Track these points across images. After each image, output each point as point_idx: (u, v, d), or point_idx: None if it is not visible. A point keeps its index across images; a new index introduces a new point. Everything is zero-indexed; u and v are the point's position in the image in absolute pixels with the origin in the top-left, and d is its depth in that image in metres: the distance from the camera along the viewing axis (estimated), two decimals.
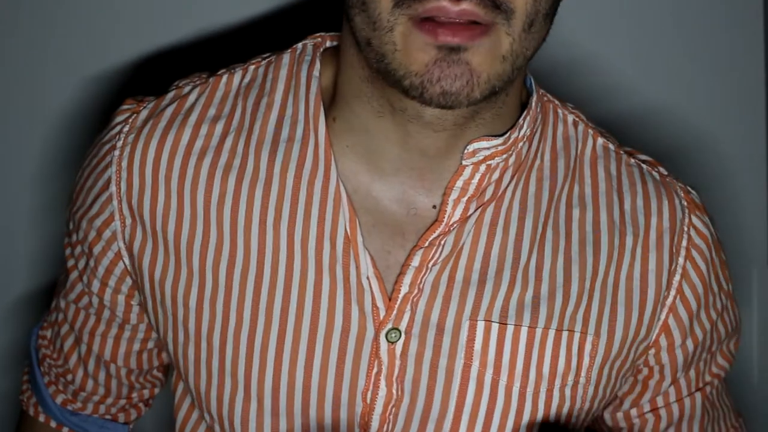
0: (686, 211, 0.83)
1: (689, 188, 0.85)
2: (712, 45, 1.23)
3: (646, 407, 0.86)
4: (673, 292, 0.82)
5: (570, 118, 0.84)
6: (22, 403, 0.97)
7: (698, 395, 0.87)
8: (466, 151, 0.76)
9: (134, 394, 0.94)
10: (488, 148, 0.77)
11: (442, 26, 0.65)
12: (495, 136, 0.77)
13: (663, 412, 0.86)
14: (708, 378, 0.87)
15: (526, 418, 0.78)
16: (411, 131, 0.75)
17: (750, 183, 1.26)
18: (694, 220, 0.83)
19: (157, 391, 0.97)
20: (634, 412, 0.86)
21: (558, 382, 0.79)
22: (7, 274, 1.16)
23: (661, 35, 1.22)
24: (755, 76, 1.24)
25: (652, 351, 0.83)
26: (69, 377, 0.92)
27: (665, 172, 0.85)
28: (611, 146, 0.85)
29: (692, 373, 0.86)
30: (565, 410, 0.79)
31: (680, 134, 1.23)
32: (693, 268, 0.82)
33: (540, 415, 0.78)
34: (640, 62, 1.22)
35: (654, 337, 0.82)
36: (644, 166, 0.85)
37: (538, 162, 0.81)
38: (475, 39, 0.66)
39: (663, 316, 0.82)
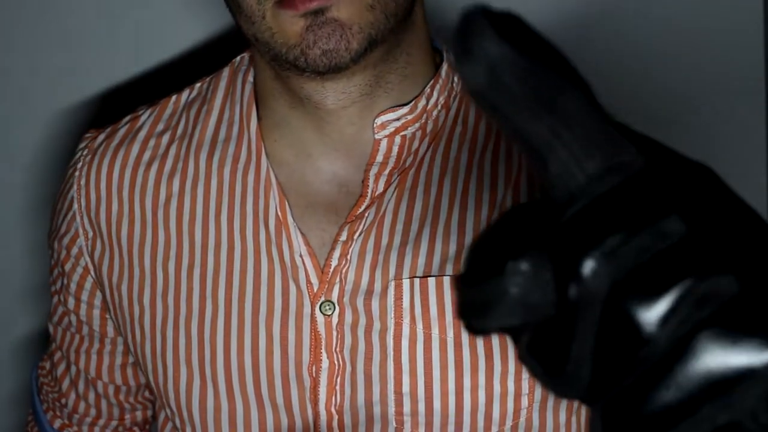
0: None
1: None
2: (712, 45, 1.22)
3: None
4: None
5: None
6: None
7: None
8: (375, 124, 0.79)
9: (127, 416, 0.97)
10: (397, 119, 0.79)
11: None
12: (403, 105, 0.80)
13: None
14: None
15: (466, 365, 0.77)
16: (323, 116, 0.79)
17: (750, 183, 1.24)
18: None
19: (150, 414, 1.00)
20: None
21: None
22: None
23: (661, 35, 1.21)
24: (755, 76, 1.22)
25: None
26: (63, 401, 0.96)
27: None
28: None
29: None
30: (510, 353, 0.78)
31: (680, 134, 1.22)
32: None
33: (481, 361, 0.77)
34: (640, 62, 1.22)
35: None
36: None
37: (459, 128, 0.83)
38: None
39: None
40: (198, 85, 0.89)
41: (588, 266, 0.29)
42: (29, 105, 1.13)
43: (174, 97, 0.89)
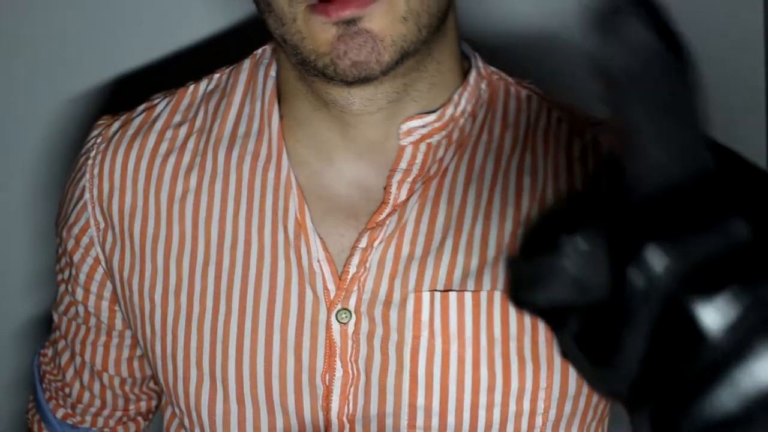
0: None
1: None
2: (712, 45, 1.22)
3: None
4: None
5: (524, 93, 0.84)
6: (27, 421, 1.01)
7: None
8: (400, 131, 0.78)
9: (131, 407, 0.96)
10: (423, 126, 0.78)
11: (332, 3, 0.69)
12: (430, 112, 0.78)
13: None
14: None
15: (483, 384, 0.76)
16: (348, 121, 0.77)
17: None
18: None
19: (154, 404, 0.99)
20: None
21: (513, 344, 0.76)
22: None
23: None
24: (755, 76, 1.22)
25: None
26: (67, 390, 0.95)
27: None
28: (566, 118, 0.84)
29: None
30: (528, 375, 0.77)
31: None
32: None
33: (499, 381, 0.76)
34: None
35: None
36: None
37: (485, 137, 0.81)
38: (366, 6, 0.68)
39: None
40: (216, 75, 0.87)
41: (655, 254, 0.29)
42: (37, 92, 1.12)
43: (191, 87, 0.87)
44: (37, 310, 1.19)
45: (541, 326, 0.77)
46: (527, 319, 0.77)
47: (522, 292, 0.32)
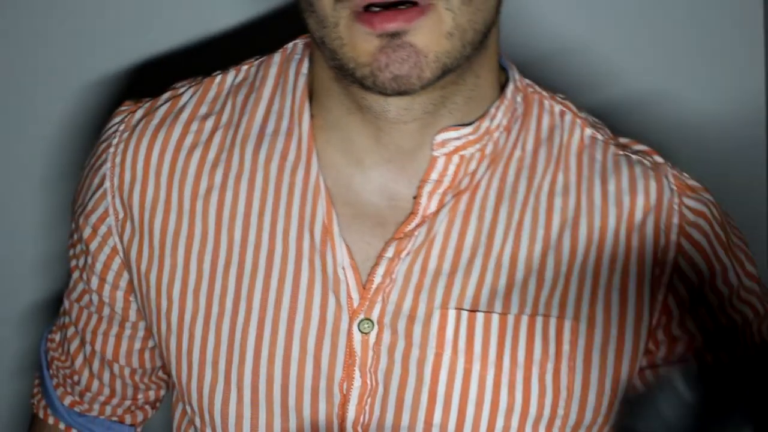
0: (675, 191, 0.80)
1: (686, 174, 0.82)
2: (712, 45, 1.22)
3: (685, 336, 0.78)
4: (668, 270, 0.78)
5: (557, 108, 0.83)
6: (32, 406, 0.99)
7: (745, 307, 0.79)
8: (434, 141, 0.76)
9: (140, 395, 0.95)
10: (458, 138, 0.77)
11: (378, 14, 0.67)
12: (465, 124, 0.77)
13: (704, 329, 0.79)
14: (747, 298, 0.79)
15: (502, 406, 0.76)
16: (382, 127, 0.76)
17: (750, 183, 1.25)
18: (686, 200, 0.80)
19: (162, 393, 0.98)
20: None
21: (536, 369, 0.76)
22: (18, 280, 1.17)
23: (661, 35, 1.21)
24: (755, 76, 1.23)
25: (660, 331, 0.78)
26: (75, 378, 0.93)
27: (660, 160, 0.82)
28: (600, 137, 0.83)
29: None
30: (547, 400, 0.77)
31: (680, 134, 1.23)
32: (691, 244, 0.78)
33: (518, 404, 0.76)
34: (640, 63, 1.22)
35: (657, 317, 0.78)
36: (635, 156, 0.82)
37: (518, 152, 0.80)
38: (413, 20, 0.67)
39: (660, 297, 0.78)
40: (245, 67, 0.85)
41: None
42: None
43: (218, 78, 0.84)
44: (43, 295, 1.17)
45: (565, 354, 0.77)
46: (552, 347, 0.77)
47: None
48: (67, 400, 0.95)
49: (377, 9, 0.67)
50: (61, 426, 0.96)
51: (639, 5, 1.21)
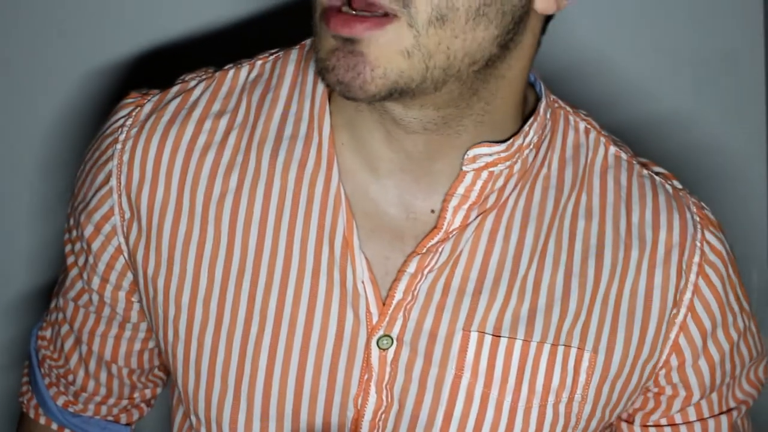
0: (698, 226, 0.80)
1: (703, 204, 0.82)
2: (713, 46, 1.23)
3: (663, 422, 0.83)
4: (683, 310, 0.79)
5: (582, 125, 0.82)
6: (22, 405, 0.95)
7: (724, 419, 0.83)
8: (466, 156, 0.74)
9: (136, 394, 0.92)
10: (490, 155, 0.75)
11: (336, 16, 0.65)
12: (497, 141, 0.75)
13: (683, 430, 0.82)
14: (733, 403, 0.84)
15: None
16: (390, 129, 0.74)
17: (750, 183, 1.26)
18: (708, 236, 0.80)
19: (158, 390, 0.95)
20: (651, 426, 0.83)
21: (551, 398, 0.77)
22: (6, 272, 1.14)
23: (661, 37, 1.22)
24: (755, 76, 1.23)
25: (663, 371, 0.80)
26: (70, 378, 0.90)
27: (679, 186, 0.83)
28: (624, 155, 0.82)
29: (714, 396, 0.82)
30: (558, 428, 0.77)
31: (680, 135, 1.23)
32: (707, 285, 0.79)
33: (531, 431, 0.77)
34: (640, 64, 1.22)
35: (664, 357, 0.79)
36: (657, 178, 0.82)
37: (545, 170, 0.79)
38: (370, 30, 0.65)
39: (672, 336, 0.79)
40: (259, 63, 0.81)
41: None
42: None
43: (231, 72, 0.81)
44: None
45: (580, 384, 0.77)
46: (570, 376, 0.77)
47: None
48: (61, 400, 0.91)
49: (341, 9, 0.66)
50: (54, 426, 0.93)
51: (639, 5, 1.21)
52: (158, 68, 0.88)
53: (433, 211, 0.76)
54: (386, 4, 0.64)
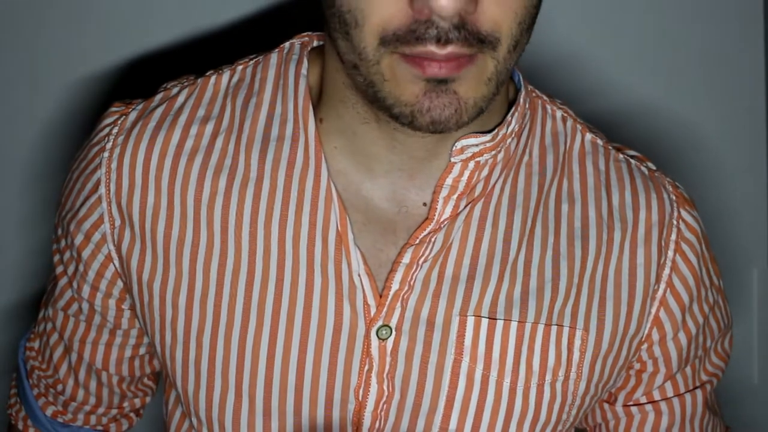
0: (675, 205, 0.83)
1: (677, 183, 0.85)
2: (712, 45, 1.22)
3: (643, 399, 0.85)
4: (663, 286, 0.81)
5: (558, 113, 0.84)
6: (10, 417, 0.95)
7: (699, 393, 0.86)
8: (454, 148, 0.76)
9: (126, 404, 0.93)
10: (476, 145, 0.76)
11: (427, 59, 0.65)
12: (483, 132, 0.77)
13: (663, 406, 0.85)
14: (704, 377, 0.87)
15: (516, 413, 0.78)
16: (398, 137, 0.75)
17: (750, 183, 1.25)
18: (684, 213, 0.83)
19: (148, 400, 0.95)
20: (632, 405, 0.86)
21: (549, 376, 0.79)
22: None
23: (661, 36, 1.21)
24: (755, 76, 1.23)
25: (645, 346, 0.82)
26: (59, 387, 0.90)
27: (653, 167, 0.85)
28: (599, 141, 0.84)
29: (688, 369, 0.85)
30: (555, 406, 0.79)
31: (680, 135, 1.23)
32: (683, 261, 0.82)
33: (531, 410, 0.78)
34: (640, 63, 1.22)
35: (646, 332, 0.82)
36: (632, 161, 0.85)
37: (526, 158, 0.81)
38: (461, 68, 0.66)
39: (654, 310, 0.81)
40: (240, 67, 0.82)
41: None
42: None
43: (213, 78, 0.82)
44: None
45: (574, 362, 0.79)
46: (564, 355, 0.79)
47: None
48: (50, 410, 0.91)
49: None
50: None
51: (639, 5, 1.20)
52: (146, 78, 0.87)
53: (424, 204, 0.78)
54: (477, 50, 0.65)
